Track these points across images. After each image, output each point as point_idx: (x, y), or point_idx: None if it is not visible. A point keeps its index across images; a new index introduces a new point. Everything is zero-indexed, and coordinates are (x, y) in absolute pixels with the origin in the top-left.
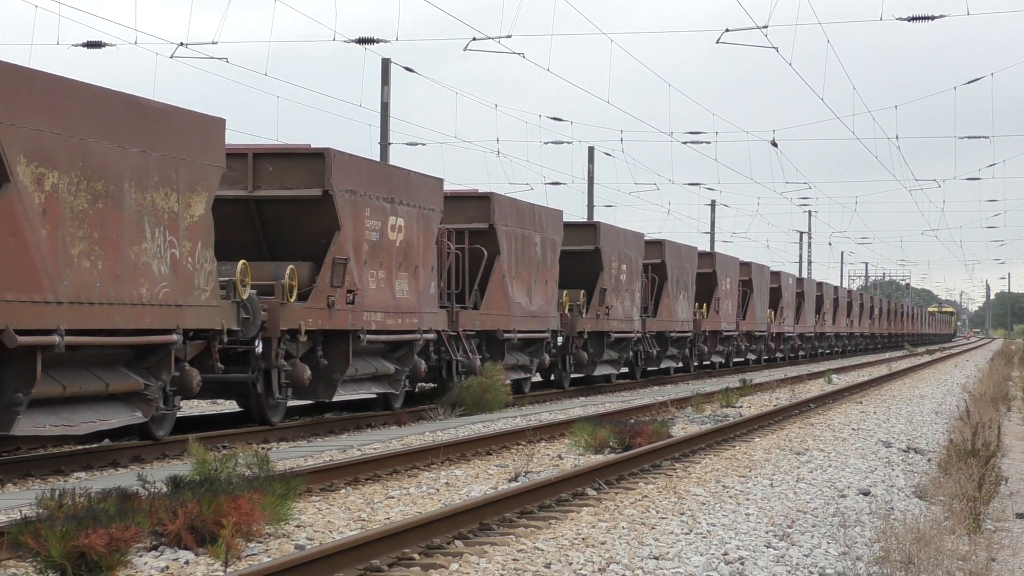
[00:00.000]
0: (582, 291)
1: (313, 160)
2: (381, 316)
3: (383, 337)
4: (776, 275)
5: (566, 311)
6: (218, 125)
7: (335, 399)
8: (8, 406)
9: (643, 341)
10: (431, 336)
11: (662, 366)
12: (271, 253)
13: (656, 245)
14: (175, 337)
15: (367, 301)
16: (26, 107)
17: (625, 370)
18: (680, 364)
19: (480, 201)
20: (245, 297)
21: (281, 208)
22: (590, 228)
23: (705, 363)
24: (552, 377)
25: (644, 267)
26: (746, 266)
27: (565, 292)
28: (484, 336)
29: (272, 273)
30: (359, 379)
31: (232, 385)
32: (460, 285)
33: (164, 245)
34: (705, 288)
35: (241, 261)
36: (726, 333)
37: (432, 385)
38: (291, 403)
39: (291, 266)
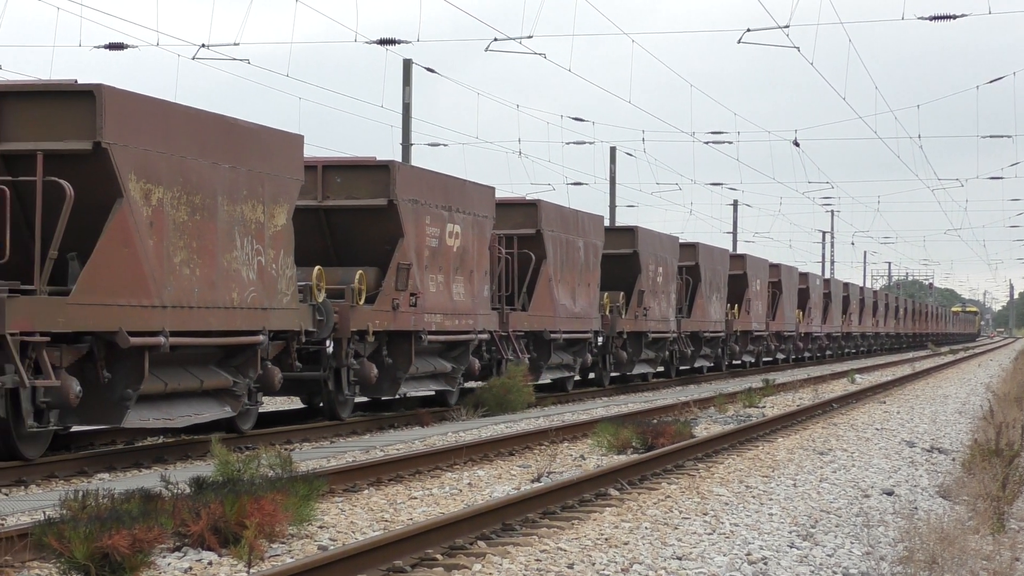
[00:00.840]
0: (621, 293)
1: (378, 172)
2: (440, 317)
3: (442, 337)
4: (804, 276)
5: (607, 312)
6: (297, 141)
7: (397, 395)
8: (119, 401)
9: (678, 341)
10: (484, 336)
11: (696, 365)
12: (338, 259)
13: (690, 248)
14: (261, 338)
15: (428, 304)
16: (135, 129)
17: (661, 369)
18: (712, 363)
19: (528, 208)
20: (320, 300)
21: (348, 217)
22: (628, 232)
23: (735, 362)
24: (592, 376)
25: (679, 269)
26: (775, 268)
27: (606, 294)
28: (531, 336)
29: (340, 278)
30: (419, 377)
31: (303, 383)
32: (509, 288)
33: (252, 253)
34: (736, 289)
35: (317, 267)
36: (756, 333)
37: (481, 383)
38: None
39: (360, 271)
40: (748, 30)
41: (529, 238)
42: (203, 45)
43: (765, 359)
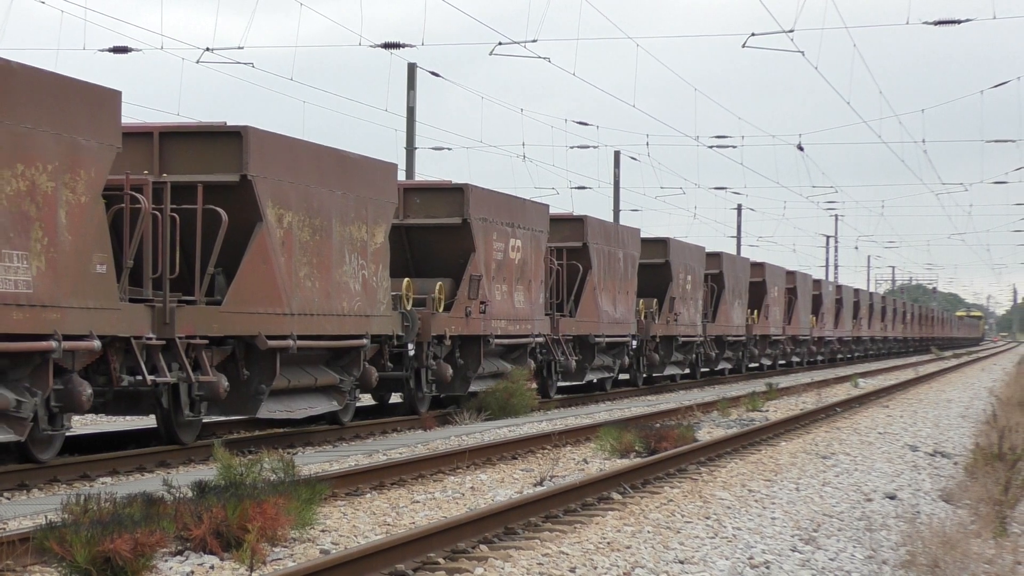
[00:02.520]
0: (654, 300)
1: (454, 193)
2: (504, 323)
3: (505, 340)
4: (817, 283)
5: (642, 318)
6: (392, 169)
7: (468, 391)
8: (255, 395)
9: (704, 344)
10: (540, 340)
11: (719, 367)
12: (417, 271)
13: (715, 257)
14: (365, 341)
15: (494, 311)
16: (272, 163)
17: (687, 371)
18: (733, 366)
19: (575, 223)
20: (408, 308)
21: (427, 234)
22: (661, 243)
23: (752, 365)
24: (627, 377)
25: (705, 277)
26: (791, 275)
27: (641, 300)
28: (578, 340)
29: (419, 288)
30: (485, 376)
31: (384, 381)
32: (559, 296)
33: (357, 267)
34: (756, 295)
35: (406, 279)
36: (774, 337)
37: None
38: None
39: (439, 282)
40: (752, 34)
41: (576, 250)
42: (207, 48)
43: (780, 362)
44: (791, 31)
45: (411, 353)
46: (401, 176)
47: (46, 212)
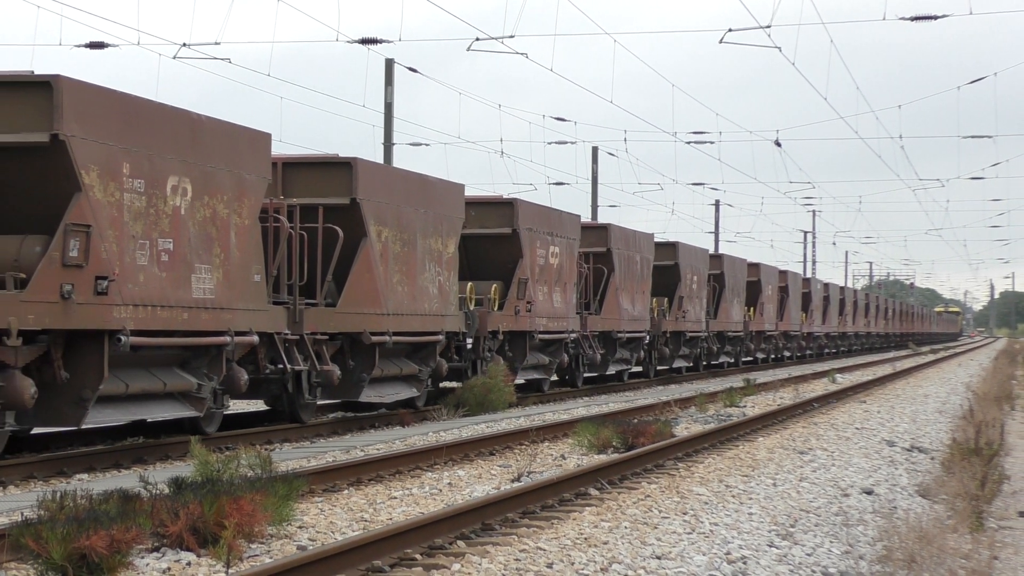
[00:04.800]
0: (665, 298)
1: (505, 207)
2: (545, 320)
3: (546, 336)
4: (807, 281)
5: (655, 315)
6: (461, 189)
7: (516, 382)
8: (357, 383)
9: (707, 339)
10: (574, 335)
11: (720, 360)
12: (472, 275)
13: (717, 258)
14: (440, 337)
15: (537, 310)
16: (374, 187)
17: (691, 364)
18: (732, 359)
19: (600, 230)
20: (472, 308)
21: (481, 242)
22: (671, 247)
23: (746, 359)
24: (641, 369)
25: (708, 277)
26: (783, 274)
27: (653, 299)
28: (602, 336)
29: (475, 290)
30: (528, 367)
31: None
32: (586, 296)
33: (435, 274)
34: (751, 294)
35: (469, 283)
36: (768, 333)
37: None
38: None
39: (494, 284)
40: (730, 30)
41: (601, 255)
42: (184, 44)
43: (773, 356)
44: (768, 27)
45: (468, 346)
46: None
47: (223, 233)
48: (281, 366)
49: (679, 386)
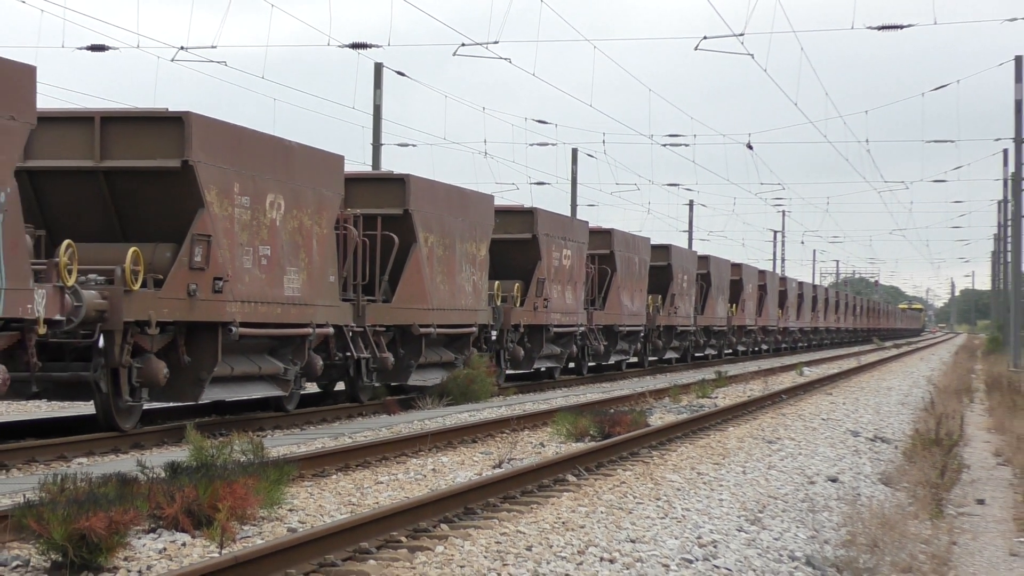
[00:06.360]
0: (659, 296)
1: (526, 215)
2: (559, 315)
3: (559, 329)
4: (783, 280)
5: (650, 311)
6: (491, 199)
7: (533, 368)
8: (405, 368)
9: (695, 333)
10: (582, 329)
11: (705, 353)
12: (496, 274)
13: (704, 259)
14: (474, 329)
15: (552, 306)
16: (422, 200)
17: (680, 355)
18: (716, 352)
19: (604, 234)
20: (498, 304)
21: (504, 245)
22: (665, 249)
23: (728, 352)
24: (637, 359)
25: (696, 276)
26: (763, 273)
27: (649, 296)
28: (605, 330)
29: (501, 288)
30: (543, 356)
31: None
32: (592, 293)
33: (470, 274)
34: (734, 292)
35: (496, 282)
36: (748, 327)
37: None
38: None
39: (517, 284)
40: (704, 38)
41: (605, 257)
42: (182, 47)
43: (753, 349)
44: (741, 35)
45: (493, 338)
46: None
47: (307, 241)
48: (348, 354)
49: (670, 375)
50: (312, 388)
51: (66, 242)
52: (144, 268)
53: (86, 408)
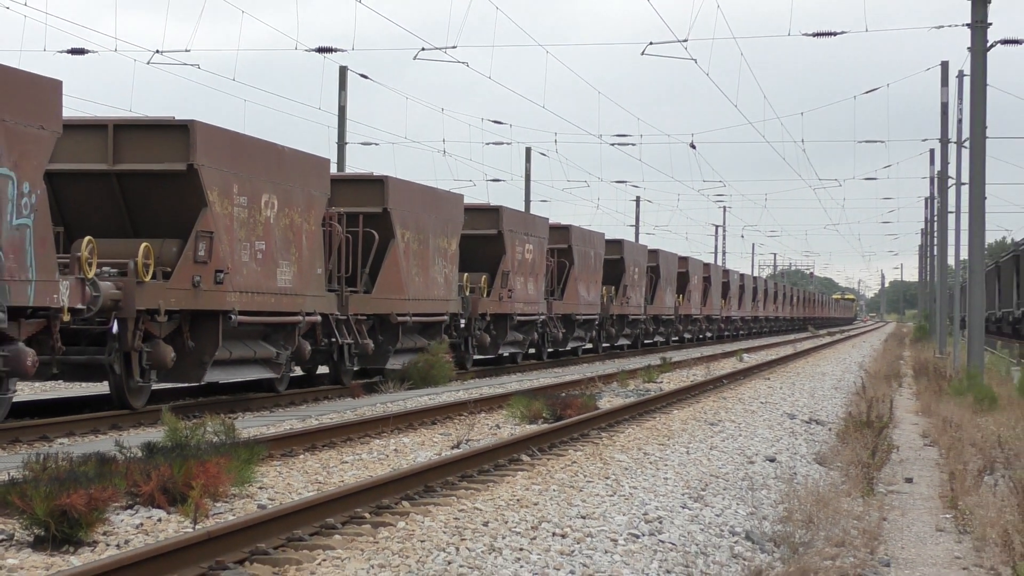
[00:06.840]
0: (613, 287)
1: (492, 212)
2: (522, 305)
3: (522, 318)
4: (727, 272)
5: (604, 301)
6: (461, 198)
7: (498, 354)
8: (384, 353)
9: (645, 322)
10: (542, 318)
11: (654, 340)
12: (464, 267)
13: (654, 253)
14: (445, 317)
15: (516, 296)
16: (401, 199)
17: (631, 342)
18: (664, 339)
19: (563, 230)
20: (467, 295)
21: (472, 241)
22: (618, 244)
23: (675, 339)
24: (592, 346)
25: (646, 269)
26: (707, 266)
27: (604, 287)
28: (564, 318)
29: (469, 280)
30: (507, 344)
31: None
32: (551, 284)
33: (441, 267)
34: (681, 283)
35: (465, 273)
36: (694, 316)
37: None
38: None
39: (484, 275)
40: (651, 43)
41: (563, 251)
42: (157, 51)
43: (699, 336)
44: (685, 40)
45: (462, 325)
46: (333, 169)
47: (297, 237)
48: (333, 340)
49: (621, 360)
50: (297, 371)
51: (87, 239)
52: (153, 261)
53: (96, 389)
